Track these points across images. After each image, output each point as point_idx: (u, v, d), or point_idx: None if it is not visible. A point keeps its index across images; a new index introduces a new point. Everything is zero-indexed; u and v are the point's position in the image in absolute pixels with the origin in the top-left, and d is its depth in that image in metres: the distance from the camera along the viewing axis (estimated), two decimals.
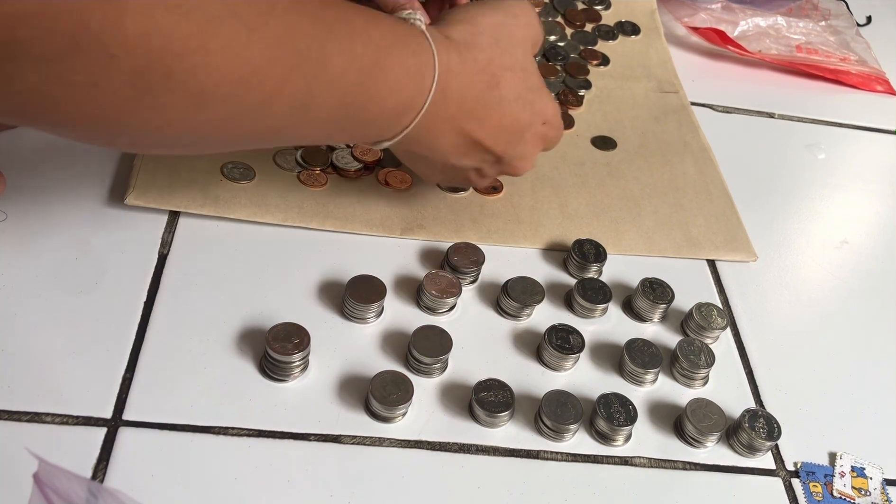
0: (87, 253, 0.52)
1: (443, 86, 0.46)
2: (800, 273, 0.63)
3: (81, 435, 0.44)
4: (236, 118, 0.39)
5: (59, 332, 0.48)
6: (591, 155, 0.68)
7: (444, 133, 0.49)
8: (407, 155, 0.52)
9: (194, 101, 0.36)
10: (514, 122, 0.51)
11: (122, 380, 0.46)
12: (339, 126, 0.45)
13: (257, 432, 0.46)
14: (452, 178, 0.55)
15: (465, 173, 0.53)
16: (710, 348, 0.54)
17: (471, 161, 0.51)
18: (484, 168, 0.53)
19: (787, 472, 0.50)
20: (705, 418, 0.50)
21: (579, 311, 0.56)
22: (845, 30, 0.89)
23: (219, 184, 0.57)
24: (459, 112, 0.48)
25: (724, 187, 0.67)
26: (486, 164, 0.52)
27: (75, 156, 0.58)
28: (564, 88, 0.74)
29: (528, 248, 0.59)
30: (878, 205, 0.72)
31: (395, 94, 0.45)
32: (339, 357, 0.50)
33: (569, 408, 0.49)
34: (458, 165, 0.51)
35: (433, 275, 0.54)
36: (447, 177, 0.54)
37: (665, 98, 0.76)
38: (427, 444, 0.47)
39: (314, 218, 0.57)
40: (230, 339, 0.49)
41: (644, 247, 0.61)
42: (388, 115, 0.46)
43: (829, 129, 0.79)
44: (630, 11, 0.85)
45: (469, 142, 0.50)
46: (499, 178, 0.62)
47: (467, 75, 0.48)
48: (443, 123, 0.48)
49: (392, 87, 0.44)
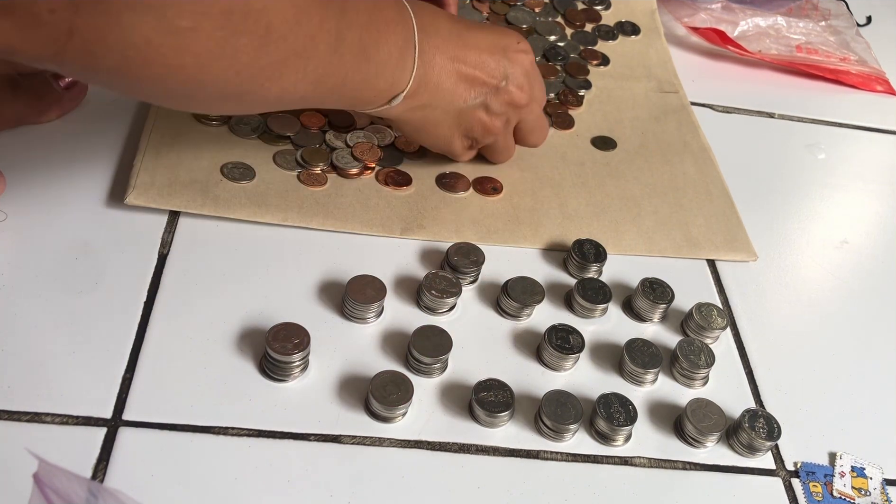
0: (87, 253, 0.52)
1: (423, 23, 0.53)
2: (800, 273, 0.63)
3: (81, 435, 0.44)
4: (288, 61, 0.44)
5: (59, 332, 0.48)
6: (591, 155, 0.68)
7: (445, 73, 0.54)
8: (420, 117, 0.55)
9: (262, 42, 0.42)
10: (495, 46, 0.57)
11: (122, 380, 0.46)
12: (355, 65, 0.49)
13: (257, 432, 0.46)
14: (467, 127, 0.58)
15: (475, 115, 0.57)
16: (710, 348, 0.54)
17: (474, 95, 0.56)
18: (489, 102, 0.57)
19: (787, 472, 0.50)
20: (705, 418, 0.50)
21: (579, 311, 0.56)
22: (845, 30, 0.89)
23: (219, 184, 0.57)
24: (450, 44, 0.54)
25: (724, 187, 0.67)
26: (489, 95, 0.56)
27: (75, 156, 0.58)
28: (564, 88, 0.74)
29: (528, 248, 0.59)
30: (878, 205, 0.72)
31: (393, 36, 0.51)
32: (339, 357, 0.50)
33: (569, 408, 0.49)
34: (465, 106, 0.56)
35: (433, 275, 0.54)
36: (462, 126, 0.58)
37: (665, 98, 0.76)
38: (427, 444, 0.47)
39: (314, 218, 0.57)
40: (230, 339, 0.49)
41: (644, 247, 0.61)
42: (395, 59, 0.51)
43: (829, 129, 0.79)
44: (630, 11, 0.85)
45: (468, 78, 0.55)
46: (499, 179, 0.63)
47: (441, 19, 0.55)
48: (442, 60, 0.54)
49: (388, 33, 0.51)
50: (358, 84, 0.50)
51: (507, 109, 0.58)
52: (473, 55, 0.55)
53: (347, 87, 0.50)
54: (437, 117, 0.56)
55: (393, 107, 0.53)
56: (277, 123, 0.62)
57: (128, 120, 0.61)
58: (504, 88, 0.57)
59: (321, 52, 0.46)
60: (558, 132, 0.70)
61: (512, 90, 0.57)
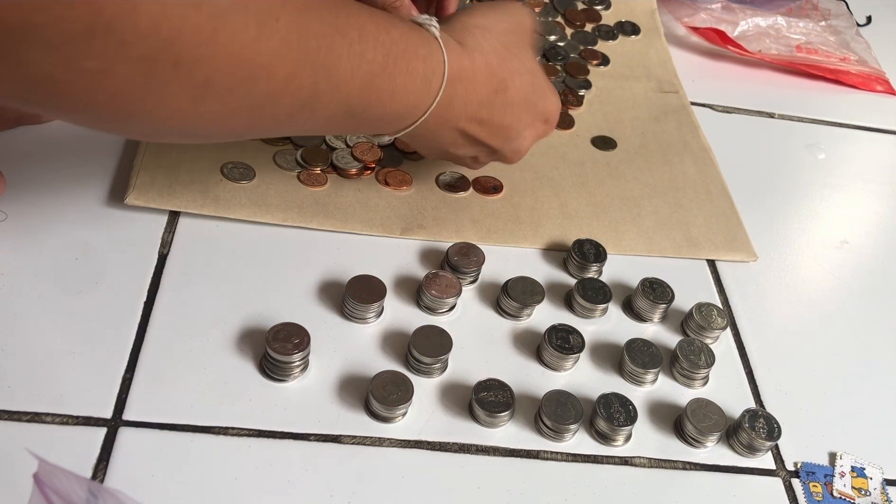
0: (87, 253, 0.52)
1: (450, 92, 0.47)
2: (800, 273, 0.63)
3: (81, 435, 0.44)
4: (240, 111, 0.39)
5: (59, 332, 0.48)
6: (591, 155, 0.68)
7: (444, 131, 0.50)
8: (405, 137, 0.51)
9: (200, 92, 0.37)
10: (516, 122, 0.52)
11: (122, 380, 0.46)
12: (341, 124, 0.46)
13: (257, 432, 0.46)
14: (448, 158, 0.56)
15: (461, 160, 0.55)
16: (710, 348, 0.54)
17: (467, 152, 0.54)
18: (479, 157, 0.55)
19: (787, 472, 0.50)
20: (705, 418, 0.50)
21: (579, 311, 0.56)
22: (845, 30, 0.89)
23: (219, 184, 0.57)
24: (463, 115, 0.49)
25: (724, 187, 0.67)
26: (482, 154, 0.54)
27: (75, 156, 0.58)
28: (564, 88, 0.74)
29: (528, 248, 0.59)
30: (878, 205, 0.72)
31: (401, 98, 0.46)
32: (339, 357, 0.50)
33: (569, 408, 0.48)
34: (455, 154, 0.54)
35: (433, 275, 0.54)
36: (444, 159, 0.56)
37: (665, 98, 0.76)
38: (427, 444, 0.47)
39: (314, 218, 0.57)
40: (230, 338, 0.49)
41: (644, 247, 0.61)
42: (392, 116, 0.47)
43: (829, 129, 0.79)
44: (630, 11, 0.85)
45: (468, 139, 0.52)
46: (499, 179, 0.63)
47: (476, 81, 0.49)
48: (445, 124, 0.49)
49: (398, 91, 0.45)
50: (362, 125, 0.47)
51: (495, 160, 0.56)
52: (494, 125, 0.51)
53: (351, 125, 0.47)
54: (421, 145, 0.54)
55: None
56: None
57: None
58: (502, 154, 0.54)
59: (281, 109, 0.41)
60: (558, 132, 0.70)
61: (509, 156, 0.55)
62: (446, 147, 0.52)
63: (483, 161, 0.56)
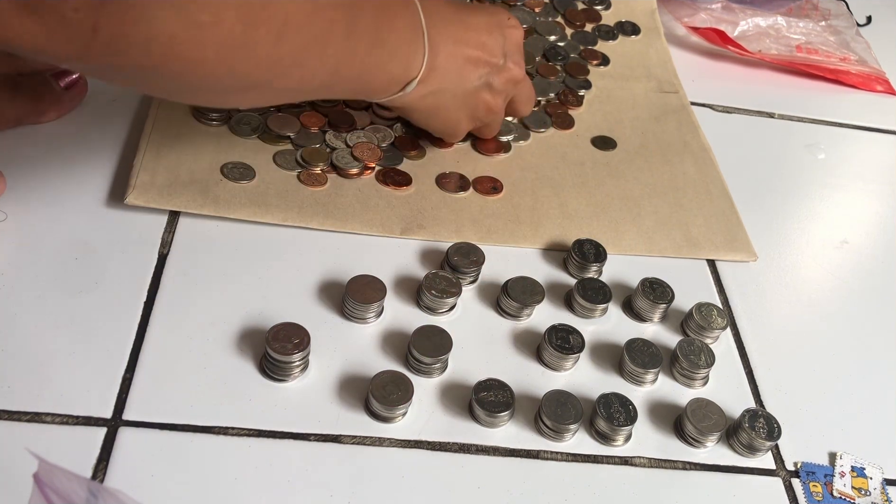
0: (87, 253, 0.52)
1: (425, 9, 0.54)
2: (800, 273, 0.63)
3: (81, 435, 0.44)
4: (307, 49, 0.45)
5: (59, 332, 0.48)
6: (591, 155, 0.68)
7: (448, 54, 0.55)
8: (430, 103, 0.57)
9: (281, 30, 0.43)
10: (487, 24, 0.59)
11: (122, 380, 0.46)
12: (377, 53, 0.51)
13: (257, 432, 0.46)
14: (473, 108, 0.60)
15: (480, 96, 0.59)
16: (710, 348, 0.54)
17: (478, 75, 0.58)
18: (492, 81, 0.59)
19: (787, 472, 0.50)
20: (705, 418, 0.50)
21: (579, 311, 0.56)
22: (845, 30, 0.89)
23: (219, 184, 0.57)
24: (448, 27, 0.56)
25: (724, 187, 0.67)
26: (491, 74, 0.59)
27: (75, 156, 0.58)
28: (564, 88, 0.74)
29: (528, 248, 0.59)
30: (878, 205, 0.72)
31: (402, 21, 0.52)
32: (339, 357, 0.50)
33: (569, 408, 0.49)
34: (471, 87, 0.58)
35: (433, 275, 0.54)
36: (468, 108, 0.60)
37: (665, 98, 0.76)
38: (427, 444, 0.47)
39: (314, 218, 0.57)
40: (230, 339, 0.49)
41: (644, 247, 0.61)
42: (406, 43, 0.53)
43: (829, 129, 0.79)
44: (630, 11, 0.85)
45: (469, 58, 0.57)
46: (499, 179, 0.63)
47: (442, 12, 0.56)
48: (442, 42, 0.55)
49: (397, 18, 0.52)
50: (373, 70, 0.51)
51: (507, 86, 0.61)
52: (474, 36, 0.57)
53: (363, 74, 0.51)
54: (447, 101, 0.58)
55: (407, 94, 0.54)
56: (277, 123, 0.62)
57: (128, 120, 0.61)
58: (504, 66, 0.59)
59: (337, 40, 0.47)
60: (558, 132, 0.70)
61: (511, 67, 0.60)
62: (460, 79, 0.57)
63: (496, 84, 0.59)
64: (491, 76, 0.59)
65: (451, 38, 0.56)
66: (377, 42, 0.50)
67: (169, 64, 0.40)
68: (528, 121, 0.69)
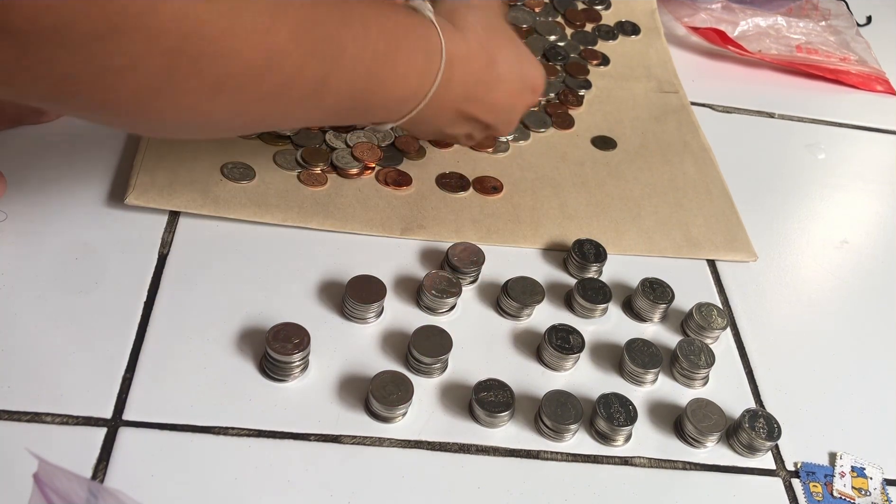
0: (87, 253, 0.52)
1: (448, 74, 0.49)
2: (800, 273, 0.63)
3: (81, 435, 0.44)
4: (251, 104, 0.41)
5: (59, 332, 0.48)
6: (591, 155, 0.68)
7: (443, 113, 0.52)
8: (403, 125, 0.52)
9: (218, 85, 0.38)
10: (508, 96, 0.54)
11: (122, 380, 0.46)
12: (346, 112, 0.47)
13: (257, 432, 0.46)
14: (442, 139, 0.59)
15: (455, 138, 0.57)
16: (710, 348, 0.54)
17: (462, 130, 0.55)
18: (473, 133, 0.56)
19: (787, 472, 0.50)
20: (705, 418, 0.50)
21: (579, 311, 0.56)
22: (845, 30, 0.89)
23: (219, 184, 0.57)
24: (461, 95, 0.51)
25: (724, 187, 0.67)
26: (476, 129, 0.56)
27: (75, 156, 0.58)
28: (564, 88, 0.74)
29: (528, 248, 0.59)
30: (878, 205, 0.72)
31: (403, 82, 0.47)
32: (339, 357, 0.50)
33: (569, 408, 0.48)
34: (450, 133, 0.55)
35: (433, 275, 0.54)
36: (437, 139, 0.59)
37: (665, 98, 0.76)
38: (427, 444, 0.47)
39: (314, 218, 0.57)
40: (230, 339, 0.49)
41: (644, 247, 0.61)
42: (394, 102, 0.48)
43: (829, 129, 0.79)
44: (630, 11, 0.85)
45: (464, 117, 0.53)
46: (499, 179, 0.63)
47: (471, 59, 0.50)
48: (444, 105, 0.51)
49: (401, 76, 0.47)
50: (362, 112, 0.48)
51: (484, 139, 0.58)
52: (488, 101, 0.53)
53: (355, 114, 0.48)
54: (417, 129, 0.55)
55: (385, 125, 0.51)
56: None
57: None
58: (495, 128, 0.56)
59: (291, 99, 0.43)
60: (558, 132, 0.70)
61: (501, 129, 0.56)
62: (442, 128, 0.54)
63: (476, 137, 0.57)
64: (476, 130, 0.55)
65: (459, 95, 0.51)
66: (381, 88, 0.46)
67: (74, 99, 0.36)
68: (528, 121, 0.69)
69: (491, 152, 0.65)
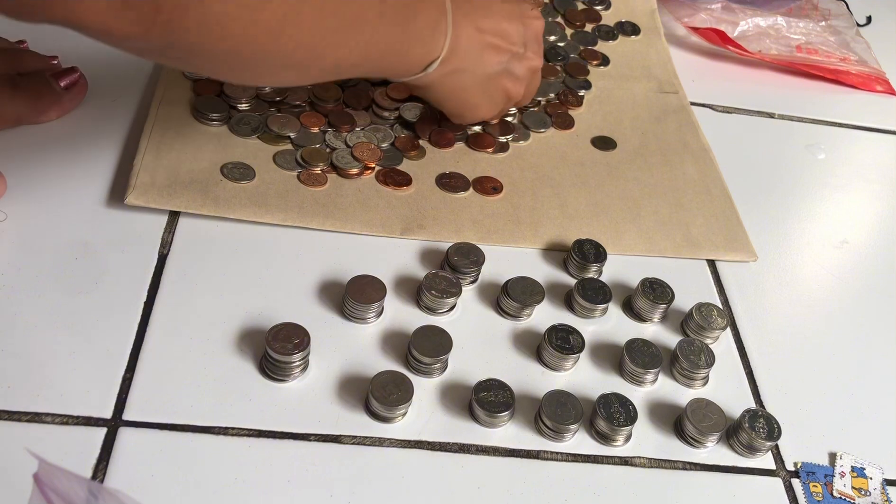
0: (87, 253, 0.52)
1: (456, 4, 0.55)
2: (800, 273, 0.63)
3: (81, 435, 0.44)
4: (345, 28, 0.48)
5: (59, 332, 0.48)
6: (591, 155, 0.68)
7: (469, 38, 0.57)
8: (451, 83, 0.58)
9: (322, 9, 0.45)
10: (510, 12, 0.60)
11: (122, 380, 0.46)
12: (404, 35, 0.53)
13: (257, 432, 0.46)
14: (493, 93, 0.61)
15: (500, 82, 0.61)
16: (710, 348, 0.54)
17: (498, 60, 0.59)
18: (512, 68, 0.61)
19: (787, 472, 0.50)
20: (705, 418, 0.50)
21: (579, 311, 0.56)
22: (845, 30, 0.89)
23: (219, 184, 0.57)
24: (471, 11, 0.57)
25: (724, 187, 0.67)
26: (511, 62, 0.60)
27: (75, 156, 0.58)
28: (564, 88, 0.74)
29: (528, 248, 0.59)
30: (878, 205, 0.72)
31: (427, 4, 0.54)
32: (339, 357, 0.50)
33: (569, 408, 0.49)
34: (492, 72, 0.60)
35: (433, 275, 0.54)
36: (488, 93, 0.61)
37: (665, 98, 0.76)
38: (427, 444, 0.47)
39: (314, 218, 0.57)
40: (230, 339, 0.49)
41: (644, 247, 0.61)
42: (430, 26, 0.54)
43: (829, 129, 0.79)
44: (630, 11, 0.85)
45: (489, 45, 0.58)
46: (499, 179, 0.63)
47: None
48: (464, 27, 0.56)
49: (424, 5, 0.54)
50: (399, 51, 0.53)
51: (527, 74, 0.63)
52: (495, 24, 0.59)
53: (390, 55, 0.53)
54: (467, 83, 0.59)
55: (429, 73, 0.56)
56: (277, 123, 0.62)
57: (128, 120, 0.61)
58: (524, 55, 0.61)
59: (370, 21, 0.49)
60: (558, 132, 0.70)
61: (531, 56, 0.62)
62: (484, 68, 0.59)
63: (516, 71, 0.61)
64: (511, 63, 0.60)
65: (473, 24, 0.57)
66: (405, 24, 0.52)
67: (221, 43, 0.41)
68: (528, 121, 0.69)
69: (491, 152, 0.65)
